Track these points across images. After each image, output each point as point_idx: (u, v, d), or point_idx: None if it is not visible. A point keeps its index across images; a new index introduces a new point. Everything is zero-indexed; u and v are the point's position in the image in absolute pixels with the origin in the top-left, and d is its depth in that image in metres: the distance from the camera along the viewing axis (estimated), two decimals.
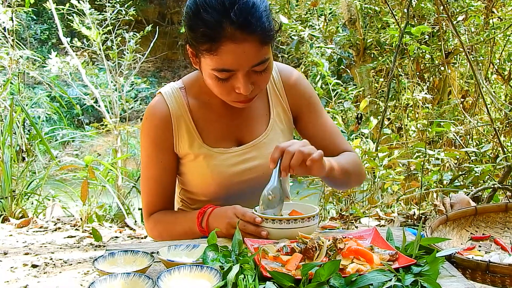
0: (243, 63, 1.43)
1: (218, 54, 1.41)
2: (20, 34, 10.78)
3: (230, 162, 1.64)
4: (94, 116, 11.44)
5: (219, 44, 1.40)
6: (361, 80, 5.78)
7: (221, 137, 1.67)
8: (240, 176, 1.65)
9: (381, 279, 1.06)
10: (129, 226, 4.46)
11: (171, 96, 1.65)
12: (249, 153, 1.67)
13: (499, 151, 4.19)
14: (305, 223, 1.37)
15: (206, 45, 1.42)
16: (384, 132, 4.38)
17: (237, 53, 1.41)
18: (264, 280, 1.08)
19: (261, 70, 1.47)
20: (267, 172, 1.62)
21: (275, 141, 1.68)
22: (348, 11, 5.89)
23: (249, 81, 1.46)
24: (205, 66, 1.48)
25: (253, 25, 1.40)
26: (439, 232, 1.50)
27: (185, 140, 1.63)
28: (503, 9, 5.28)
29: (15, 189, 4.71)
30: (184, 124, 1.64)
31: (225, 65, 1.43)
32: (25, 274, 3.10)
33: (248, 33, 1.40)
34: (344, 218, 4.13)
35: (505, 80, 5.33)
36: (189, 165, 1.67)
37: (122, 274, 1.11)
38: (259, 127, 1.70)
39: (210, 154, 1.63)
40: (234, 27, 1.38)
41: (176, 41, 14.97)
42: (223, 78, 1.46)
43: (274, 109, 1.72)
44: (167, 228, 1.68)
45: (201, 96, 1.67)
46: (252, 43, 1.41)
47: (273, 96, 1.73)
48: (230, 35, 1.39)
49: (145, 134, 1.66)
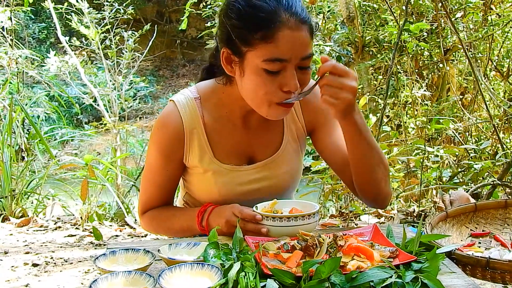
0: (296, 52, 1.39)
1: (273, 41, 1.37)
2: (19, 34, 10.75)
3: (239, 181, 1.61)
4: (93, 115, 11.43)
5: (276, 30, 1.37)
6: (360, 77, 5.77)
7: (233, 153, 1.62)
8: (247, 195, 1.61)
9: (381, 275, 1.07)
10: (129, 224, 4.46)
11: (185, 107, 1.59)
12: (260, 172, 1.63)
13: (498, 148, 4.19)
14: (305, 220, 1.38)
15: (260, 32, 1.38)
16: (383, 130, 4.37)
17: (292, 40, 1.38)
18: (265, 277, 1.09)
19: (306, 66, 1.44)
20: (276, 192, 1.64)
21: (287, 160, 1.66)
22: (346, 9, 5.88)
23: (296, 76, 1.42)
24: (253, 61, 1.41)
25: (304, 14, 1.41)
26: (439, 229, 1.50)
27: (196, 153, 1.60)
28: (502, 6, 5.27)
29: (15, 188, 4.70)
30: (196, 138, 1.59)
31: (279, 53, 1.38)
32: (26, 273, 3.10)
33: (301, 21, 1.39)
34: (344, 215, 4.13)
35: (504, 77, 5.32)
36: (197, 177, 1.64)
37: (123, 272, 1.12)
38: (271, 146, 1.66)
39: (220, 171, 1.60)
40: (289, 14, 1.38)
41: (174, 40, 14.97)
42: (274, 71, 1.40)
43: (288, 127, 1.67)
44: (164, 225, 1.68)
45: (218, 109, 1.62)
46: (304, 32, 1.40)
47: (288, 115, 1.65)
48: (287, 21, 1.37)
49: (155, 143, 1.62)
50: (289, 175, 1.67)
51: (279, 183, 1.65)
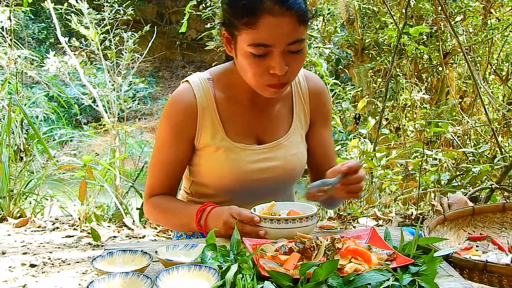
0: (279, 38, 1.44)
1: (256, 27, 1.43)
2: (18, 34, 10.74)
3: (250, 159, 1.64)
4: (92, 115, 11.43)
5: (258, 17, 1.42)
6: (359, 80, 5.79)
7: (244, 133, 1.66)
8: (257, 174, 1.65)
9: (379, 278, 1.06)
10: (127, 226, 4.46)
11: (199, 86, 1.64)
12: (269, 153, 1.67)
13: (497, 152, 4.20)
14: (303, 223, 1.38)
15: (244, 18, 1.44)
16: (382, 132, 4.38)
17: (275, 27, 1.42)
18: (262, 279, 1.09)
19: (296, 50, 1.47)
20: (284, 174, 1.69)
21: (295, 144, 1.71)
22: (346, 11, 5.90)
23: (284, 61, 1.46)
24: (241, 45, 1.48)
25: (290, 1, 1.43)
26: (436, 232, 1.50)
27: (208, 131, 1.63)
28: (501, 10, 5.29)
29: (13, 188, 4.70)
30: (209, 116, 1.63)
31: (262, 39, 1.43)
32: (23, 274, 3.10)
33: (286, 8, 1.42)
34: (342, 218, 4.13)
35: (503, 81, 5.34)
36: (208, 157, 1.66)
37: (120, 274, 1.11)
38: (281, 129, 1.71)
39: (232, 148, 1.63)
40: (273, 1, 1.41)
41: (174, 41, 14.96)
42: (259, 54, 1.45)
43: (296, 112, 1.73)
44: (164, 216, 1.69)
45: (228, 89, 1.67)
46: (290, 18, 1.43)
47: (297, 100, 1.74)
48: (269, 8, 1.41)
49: (166, 118, 1.65)
50: (296, 158, 1.71)
51: (287, 165, 1.69)
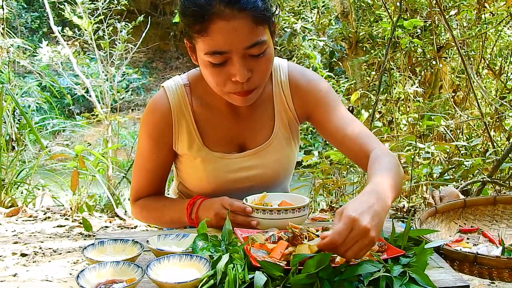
0: (234, 43, 1.35)
1: (208, 34, 1.34)
2: (11, 23, 10.66)
3: (229, 168, 1.59)
4: (85, 106, 11.38)
5: (209, 22, 1.33)
6: (353, 73, 5.79)
7: (223, 141, 1.60)
8: (237, 183, 1.60)
9: (369, 269, 1.07)
10: (119, 216, 4.45)
11: (174, 92, 1.59)
12: (250, 160, 1.61)
13: (489, 145, 4.22)
14: (295, 213, 1.38)
15: (196, 26, 1.36)
16: (375, 125, 4.38)
17: (228, 31, 1.33)
18: (253, 269, 1.09)
19: (257, 53, 1.38)
20: (266, 180, 1.63)
21: (278, 149, 1.63)
22: (341, 4, 5.88)
23: (245, 66, 1.37)
24: (199, 54, 1.42)
25: (242, 1, 1.33)
26: (428, 224, 1.50)
27: (185, 140, 1.59)
28: (495, 4, 5.29)
29: (5, 178, 4.68)
30: (185, 123, 1.58)
31: (216, 46, 1.35)
32: (14, 263, 3.09)
33: (238, 9, 1.33)
34: (334, 210, 4.14)
35: (496, 75, 5.35)
36: (187, 164, 1.63)
37: (111, 263, 1.11)
38: (262, 134, 1.62)
39: (209, 158, 1.58)
40: (223, 4, 1.32)
41: (168, 32, 14.88)
42: (217, 63, 1.38)
43: (279, 116, 1.63)
44: (154, 215, 1.68)
45: (205, 96, 1.60)
46: (243, 20, 1.34)
47: (278, 102, 1.63)
48: (219, 12, 1.32)
49: (144, 126, 1.62)
50: (279, 163, 1.65)
51: (269, 171, 1.63)
